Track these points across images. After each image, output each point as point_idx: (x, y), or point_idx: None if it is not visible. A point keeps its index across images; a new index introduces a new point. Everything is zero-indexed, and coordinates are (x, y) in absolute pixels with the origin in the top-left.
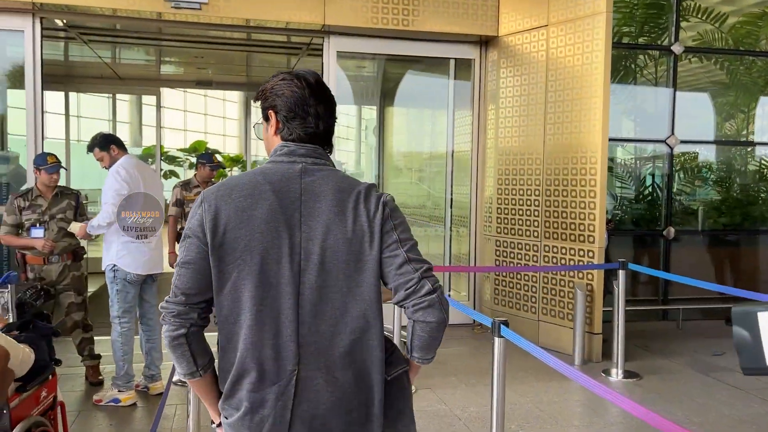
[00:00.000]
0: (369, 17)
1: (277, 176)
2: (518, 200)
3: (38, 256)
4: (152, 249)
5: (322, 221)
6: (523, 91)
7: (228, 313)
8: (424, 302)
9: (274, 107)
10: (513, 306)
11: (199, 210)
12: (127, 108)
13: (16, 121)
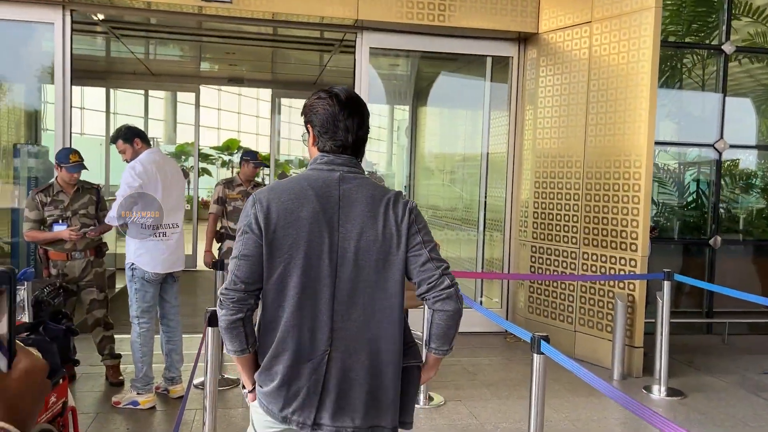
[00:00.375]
0: (403, 12)
1: (319, 183)
2: (556, 205)
3: (61, 251)
4: (172, 247)
5: (357, 224)
6: (564, 90)
7: (273, 299)
8: (443, 294)
9: (311, 122)
10: (548, 315)
11: (253, 210)
12: (162, 105)
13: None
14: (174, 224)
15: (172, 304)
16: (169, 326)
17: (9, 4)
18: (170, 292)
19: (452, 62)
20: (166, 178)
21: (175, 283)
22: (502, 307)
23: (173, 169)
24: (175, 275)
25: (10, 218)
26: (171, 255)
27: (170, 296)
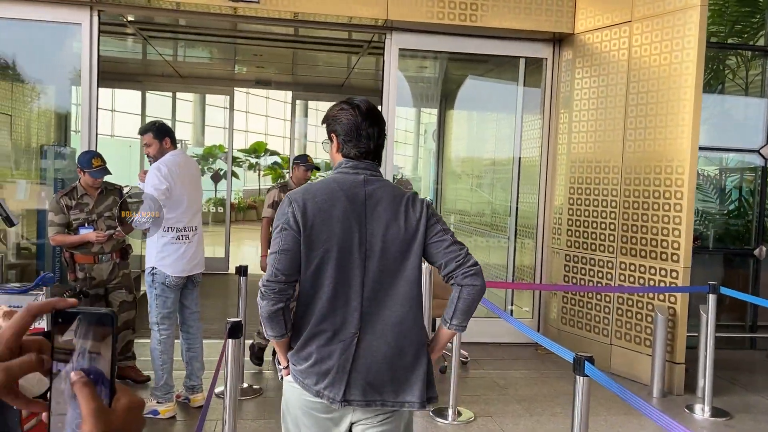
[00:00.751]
0: (434, 11)
1: (346, 184)
2: (592, 212)
3: (88, 254)
4: (193, 249)
5: (382, 221)
6: (601, 93)
7: (309, 288)
8: (471, 270)
9: (335, 131)
10: (582, 327)
11: (290, 209)
12: (191, 108)
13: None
14: (194, 227)
15: (192, 310)
16: (189, 333)
17: (37, 4)
18: (190, 297)
19: (482, 64)
20: (189, 180)
21: (195, 288)
22: (534, 317)
23: (195, 171)
24: (195, 280)
25: (36, 219)
26: (192, 258)
27: (190, 302)
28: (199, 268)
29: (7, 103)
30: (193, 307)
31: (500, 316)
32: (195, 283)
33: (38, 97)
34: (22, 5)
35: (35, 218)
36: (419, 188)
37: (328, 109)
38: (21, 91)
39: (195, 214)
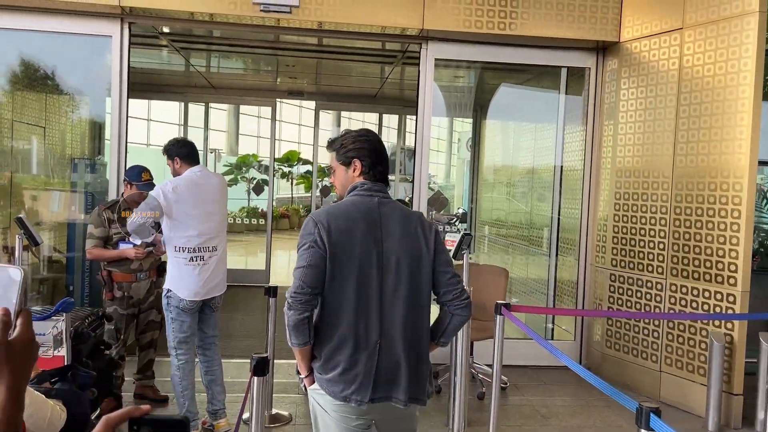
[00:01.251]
0: (472, 20)
1: (363, 206)
2: (639, 230)
3: (127, 272)
4: (209, 272)
5: (396, 239)
6: (649, 104)
7: (332, 301)
8: (464, 303)
9: (359, 157)
10: (629, 351)
11: (316, 229)
12: (225, 117)
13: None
14: (213, 248)
15: (209, 334)
16: (206, 356)
17: (67, 17)
18: (208, 322)
19: (521, 73)
20: (203, 199)
21: (214, 313)
22: (576, 339)
23: (214, 190)
24: (213, 305)
25: (66, 232)
26: (209, 281)
27: (208, 327)
28: (218, 290)
29: (41, 115)
30: (210, 332)
31: (538, 342)
32: (213, 308)
33: (72, 108)
34: (53, 18)
35: (65, 231)
36: (452, 197)
37: (342, 139)
38: (55, 103)
39: (213, 235)
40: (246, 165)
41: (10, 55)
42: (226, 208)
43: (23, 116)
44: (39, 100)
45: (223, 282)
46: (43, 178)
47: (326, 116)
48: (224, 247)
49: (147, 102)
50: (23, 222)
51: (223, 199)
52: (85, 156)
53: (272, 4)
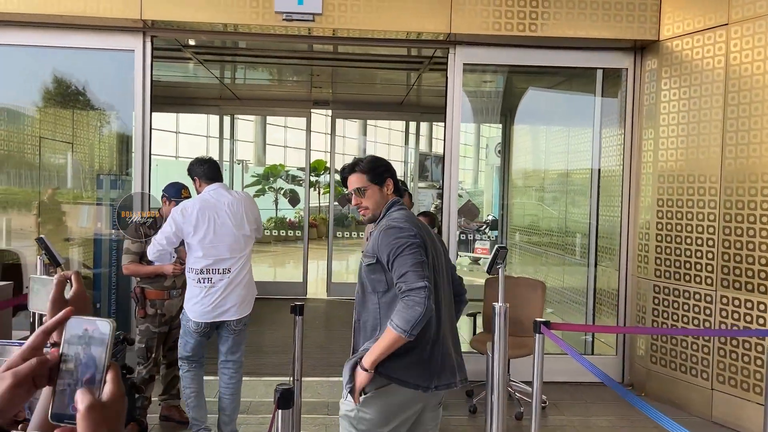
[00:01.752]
0: (502, 23)
1: (415, 218)
2: (685, 238)
3: (160, 289)
4: (218, 295)
5: (434, 244)
6: (693, 105)
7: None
8: (465, 298)
9: (392, 176)
10: (677, 367)
11: (413, 231)
12: (252, 128)
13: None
14: (224, 270)
15: (227, 358)
16: (223, 380)
17: (89, 32)
18: (226, 345)
19: (552, 76)
20: (213, 219)
21: (231, 336)
22: (618, 353)
23: (229, 209)
24: (230, 328)
25: (92, 249)
26: (218, 305)
27: (226, 350)
28: (231, 315)
29: (68, 131)
30: (229, 356)
31: (577, 360)
32: (232, 331)
33: (100, 123)
34: (76, 34)
35: (91, 247)
36: (481, 203)
37: (369, 163)
38: (83, 119)
39: (224, 257)
40: (273, 175)
41: (39, 71)
42: (246, 227)
43: (55, 133)
44: (67, 116)
45: (243, 307)
46: (74, 194)
47: (352, 125)
48: (243, 270)
49: (175, 115)
50: (45, 242)
51: (240, 219)
52: (112, 171)
53: (295, 12)
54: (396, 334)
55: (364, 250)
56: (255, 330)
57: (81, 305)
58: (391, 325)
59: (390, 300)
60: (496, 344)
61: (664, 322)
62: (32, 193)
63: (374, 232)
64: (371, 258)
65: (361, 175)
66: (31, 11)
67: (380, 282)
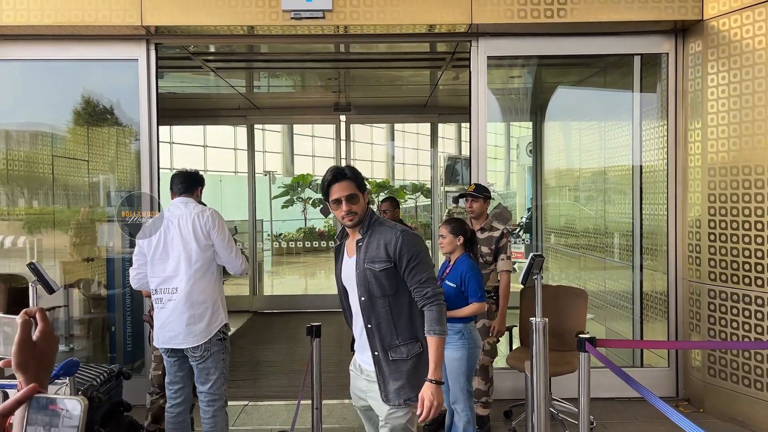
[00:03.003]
0: (528, 10)
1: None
2: (742, 236)
3: None
4: (166, 316)
5: None
6: (745, 89)
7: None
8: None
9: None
10: (738, 380)
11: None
12: (279, 138)
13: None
14: (172, 289)
15: (199, 389)
16: (202, 414)
17: (90, 42)
18: (195, 373)
19: (583, 68)
20: (163, 235)
21: (195, 365)
22: (670, 366)
23: (178, 224)
24: (191, 355)
25: (105, 269)
26: (167, 328)
27: (197, 380)
28: (178, 342)
29: (83, 148)
30: (200, 386)
31: (625, 381)
32: (193, 359)
33: (116, 139)
34: (75, 45)
35: (104, 267)
36: (514, 205)
37: (356, 171)
38: (99, 136)
39: (171, 274)
40: (302, 185)
41: (51, 86)
42: (192, 243)
43: (71, 151)
44: (81, 133)
45: (193, 334)
46: (92, 212)
47: (378, 131)
48: (194, 291)
49: (202, 128)
50: (36, 268)
51: (188, 233)
52: (125, 188)
53: (303, 10)
54: (442, 339)
55: (368, 256)
56: (273, 348)
57: (47, 347)
58: (435, 333)
59: (395, 301)
60: (536, 363)
61: (722, 331)
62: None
63: (370, 239)
64: (387, 263)
65: (351, 182)
66: (27, 23)
67: (392, 285)
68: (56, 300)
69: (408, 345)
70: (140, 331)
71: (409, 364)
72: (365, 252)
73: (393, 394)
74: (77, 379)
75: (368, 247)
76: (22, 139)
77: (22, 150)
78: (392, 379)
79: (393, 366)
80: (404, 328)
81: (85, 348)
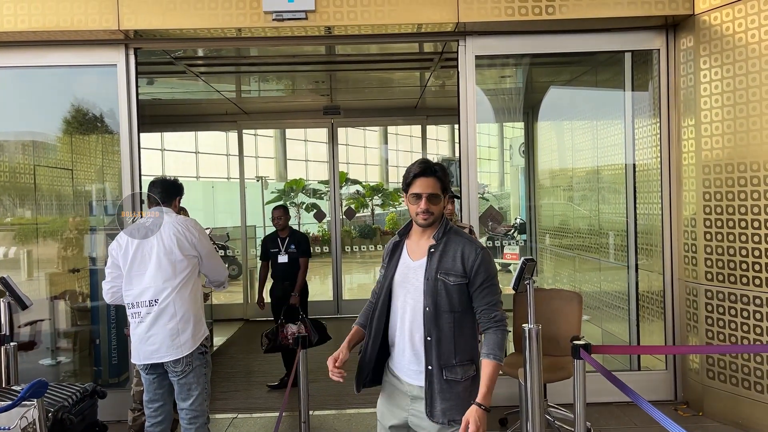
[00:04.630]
0: (515, 7)
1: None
2: (739, 235)
3: None
4: (144, 330)
5: None
6: (739, 84)
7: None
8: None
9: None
10: (738, 383)
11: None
12: (272, 143)
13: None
14: (151, 301)
15: (179, 406)
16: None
17: (66, 48)
18: (175, 389)
19: (574, 66)
20: (138, 245)
21: (175, 380)
22: (668, 368)
23: (166, 234)
24: (171, 370)
25: (90, 281)
26: (146, 343)
27: (177, 397)
28: (161, 356)
29: (67, 156)
30: (180, 403)
31: (612, 383)
32: (173, 374)
33: (100, 147)
34: (52, 51)
35: (87, 279)
36: (508, 205)
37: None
38: (81, 144)
39: (150, 285)
40: (295, 190)
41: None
42: (176, 252)
43: (52, 160)
44: (65, 142)
45: (175, 347)
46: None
47: (372, 134)
48: (176, 302)
49: (193, 134)
50: (8, 283)
51: (169, 243)
52: (104, 198)
53: (285, 11)
54: (499, 365)
55: (442, 266)
56: (266, 357)
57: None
58: (494, 358)
59: (460, 318)
60: (530, 370)
61: (720, 332)
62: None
63: (446, 248)
64: (462, 278)
65: (437, 182)
66: (0, 29)
67: (461, 302)
68: (41, 312)
69: (464, 366)
70: (125, 344)
71: (461, 386)
72: (439, 261)
73: (439, 412)
74: (47, 400)
75: (443, 256)
76: (3, 149)
77: (4, 160)
78: (441, 398)
79: (446, 385)
80: (463, 348)
81: (71, 361)
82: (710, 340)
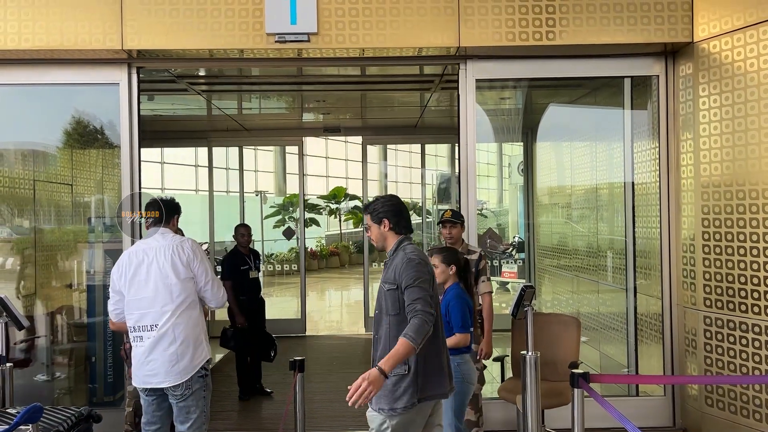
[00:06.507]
0: (516, 33)
1: (423, 252)
2: (738, 261)
3: None
4: (144, 354)
5: (434, 276)
6: (738, 111)
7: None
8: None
9: (387, 217)
10: (737, 411)
11: (429, 267)
12: (272, 157)
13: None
14: (151, 326)
15: (179, 429)
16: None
17: (69, 66)
18: (175, 413)
19: (573, 89)
20: (135, 268)
21: (175, 403)
22: (666, 394)
23: (159, 255)
24: (171, 393)
25: (87, 297)
26: (145, 367)
27: (176, 420)
28: (160, 380)
29: (67, 172)
30: (179, 426)
31: (608, 410)
32: (174, 397)
33: (101, 162)
34: (56, 69)
35: (85, 295)
36: (507, 223)
37: (374, 204)
38: (82, 159)
39: (146, 310)
40: (293, 205)
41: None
42: (172, 276)
43: (52, 175)
44: (65, 156)
45: (174, 373)
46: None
47: (372, 150)
48: (177, 326)
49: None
50: (5, 303)
51: (166, 266)
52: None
53: (288, 33)
54: (410, 345)
55: (385, 276)
56: (264, 375)
57: None
58: (407, 337)
59: (398, 321)
60: (528, 397)
61: (719, 359)
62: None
63: (391, 263)
64: (392, 284)
65: (367, 215)
66: (3, 47)
67: (395, 305)
68: (38, 328)
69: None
70: (122, 362)
71: (390, 381)
72: (384, 272)
73: (373, 399)
74: (42, 425)
75: (387, 269)
76: (4, 162)
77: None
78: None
79: None
80: None
81: (66, 377)
82: (709, 366)
